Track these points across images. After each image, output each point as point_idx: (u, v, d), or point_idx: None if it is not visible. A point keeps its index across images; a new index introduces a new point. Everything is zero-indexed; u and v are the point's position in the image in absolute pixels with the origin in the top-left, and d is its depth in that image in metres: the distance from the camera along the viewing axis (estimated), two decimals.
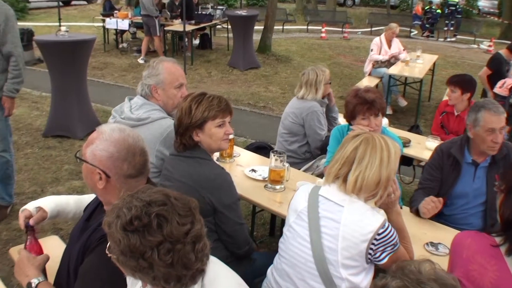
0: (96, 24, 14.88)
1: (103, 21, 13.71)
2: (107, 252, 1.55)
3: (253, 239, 3.30)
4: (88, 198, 2.50)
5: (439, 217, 3.32)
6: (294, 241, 2.41)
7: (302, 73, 4.67)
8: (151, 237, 1.45)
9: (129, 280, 1.80)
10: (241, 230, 2.75)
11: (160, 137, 3.00)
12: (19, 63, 4.42)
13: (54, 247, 2.74)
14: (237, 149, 4.17)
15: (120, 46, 13.85)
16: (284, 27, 20.25)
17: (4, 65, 4.43)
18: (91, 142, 2.03)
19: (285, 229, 2.51)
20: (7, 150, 4.73)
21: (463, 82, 5.01)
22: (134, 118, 3.05)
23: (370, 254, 2.23)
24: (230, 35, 12.97)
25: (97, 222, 1.97)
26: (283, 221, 4.48)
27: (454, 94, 5.03)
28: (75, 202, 2.57)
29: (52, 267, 2.26)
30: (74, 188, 5.42)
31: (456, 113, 5.12)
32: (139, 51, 12.77)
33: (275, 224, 4.69)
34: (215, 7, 15.58)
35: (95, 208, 2.23)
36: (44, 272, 2.19)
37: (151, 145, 2.80)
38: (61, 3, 14.02)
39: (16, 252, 2.79)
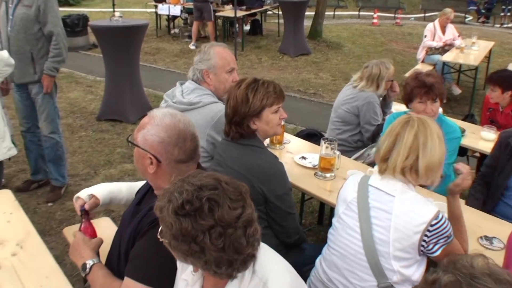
0: (148, 10, 15.08)
1: (156, 7, 13.86)
2: (158, 236, 1.56)
3: (301, 227, 3.29)
4: (140, 185, 2.53)
5: (494, 211, 3.22)
6: (343, 232, 2.38)
7: (366, 66, 4.54)
8: (202, 221, 1.45)
9: (180, 265, 1.81)
10: (291, 220, 2.73)
11: (211, 121, 3.00)
12: (59, 42, 4.51)
13: (105, 229, 2.81)
14: (287, 136, 4.14)
15: (172, 31, 14.00)
16: (336, 13, 19.95)
17: (47, 46, 4.53)
18: (142, 126, 2.05)
19: (334, 220, 2.48)
20: (56, 132, 4.84)
21: (502, 80, 4.77)
22: (186, 102, 3.07)
23: (422, 246, 2.18)
24: (281, 21, 12.88)
25: (148, 207, 1.99)
26: (331, 210, 4.47)
27: (494, 93, 4.83)
28: (127, 189, 2.61)
29: (103, 249, 2.30)
30: (125, 171, 5.53)
31: (500, 110, 4.94)
32: (190, 37, 12.87)
33: (324, 213, 4.65)
34: None
35: (145, 193, 2.25)
36: (97, 254, 2.23)
37: (201, 130, 2.81)
38: None
39: (70, 232, 2.89)
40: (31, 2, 4.36)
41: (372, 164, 3.94)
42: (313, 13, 13.69)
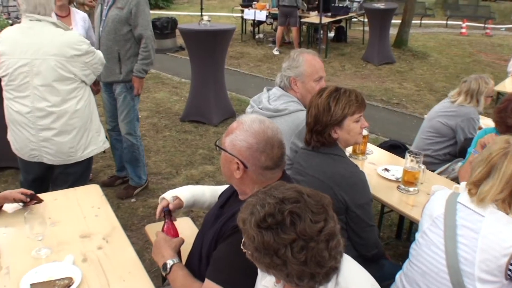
0: (235, 15, 15.32)
1: (242, 11, 14.06)
2: (242, 247, 1.57)
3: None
4: (222, 189, 2.57)
5: None
6: (427, 249, 2.30)
7: (464, 80, 4.39)
8: (284, 235, 1.45)
9: (261, 271, 1.82)
10: (371, 232, 2.68)
11: (296, 129, 2.99)
12: (148, 45, 4.62)
13: (186, 229, 2.84)
14: (370, 147, 4.07)
15: (257, 36, 14.16)
16: (422, 22, 19.42)
17: (137, 49, 4.67)
18: (231, 131, 2.06)
19: (418, 235, 2.40)
20: (133, 134, 4.94)
21: None
22: (272, 108, 3.08)
23: (510, 270, 2.06)
24: (366, 28, 12.72)
25: (232, 211, 2.01)
26: (411, 225, 4.36)
27: None
28: (210, 193, 2.65)
29: (183, 248, 2.35)
30: (206, 173, 5.62)
31: None
32: (274, 42, 12.96)
33: (403, 227, 4.53)
34: None
35: (229, 196, 2.27)
36: (179, 254, 2.28)
37: (286, 137, 2.81)
38: None
39: (151, 230, 2.96)
40: (124, 4, 4.52)
41: (456, 180, 3.81)
42: (399, 21, 13.41)
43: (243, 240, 1.57)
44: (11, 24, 5.12)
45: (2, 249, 2.43)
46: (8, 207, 2.80)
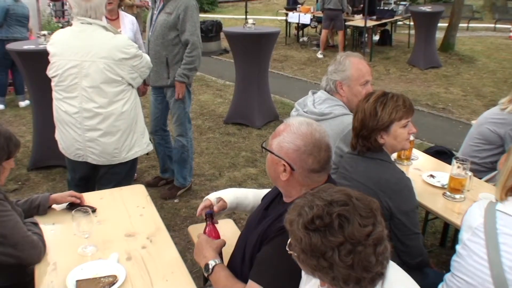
0: (279, 18, 15.34)
1: (286, 15, 14.08)
2: (287, 249, 1.57)
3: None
4: (265, 192, 2.57)
5: None
6: (470, 259, 2.24)
7: None
8: (332, 237, 1.44)
9: (304, 275, 1.81)
10: (415, 239, 2.63)
11: (341, 133, 2.97)
12: (192, 50, 4.65)
13: (227, 230, 2.87)
14: (415, 152, 4.00)
15: (301, 39, 14.16)
16: (470, 25, 18.99)
17: (183, 53, 4.70)
18: (278, 133, 2.07)
19: (458, 247, 2.35)
20: (184, 135, 5.01)
21: None
22: (317, 112, 3.06)
23: None
24: (412, 31, 12.53)
25: (277, 213, 2.01)
26: (456, 232, 4.25)
27: None
28: (253, 196, 2.66)
29: (225, 250, 2.35)
30: (249, 175, 5.64)
31: None
32: (318, 45, 12.92)
33: (447, 235, 4.44)
34: (398, 2, 15.14)
35: (273, 198, 2.27)
36: (220, 255, 2.29)
37: (331, 141, 2.80)
38: None
39: (194, 231, 2.99)
40: (172, 9, 4.58)
41: None
42: (446, 24, 13.16)
43: (289, 241, 1.56)
44: (62, 27, 5.26)
45: (50, 246, 2.49)
46: (57, 205, 2.87)
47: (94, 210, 2.80)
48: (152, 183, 5.32)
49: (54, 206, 2.85)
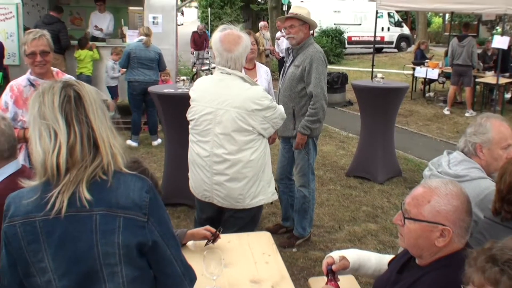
0: (405, 72, 15.15)
1: (413, 69, 13.89)
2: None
3: None
4: (389, 258, 2.51)
5: None
6: None
7: None
8: None
9: None
10: None
11: (477, 198, 2.83)
12: (315, 102, 4.71)
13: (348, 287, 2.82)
14: None
15: (427, 95, 13.85)
16: None
17: (309, 105, 4.78)
18: (424, 200, 2.03)
19: None
20: (306, 186, 5.04)
21: None
22: (452, 173, 2.95)
23: None
24: None
25: (414, 277, 1.96)
26: None
27: None
28: (376, 260, 2.60)
29: None
30: (369, 231, 5.51)
31: None
32: (445, 101, 12.56)
33: None
34: None
35: (405, 262, 2.21)
36: None
37: None
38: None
39: (315, 284, 2.98)
40: (300, 62, 4.73)
41: None
42: None
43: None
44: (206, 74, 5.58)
45: None
46: (190, 243, 3.00)
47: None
48: (272, 230, 5.35)
49: (188, 244, 2.97)
